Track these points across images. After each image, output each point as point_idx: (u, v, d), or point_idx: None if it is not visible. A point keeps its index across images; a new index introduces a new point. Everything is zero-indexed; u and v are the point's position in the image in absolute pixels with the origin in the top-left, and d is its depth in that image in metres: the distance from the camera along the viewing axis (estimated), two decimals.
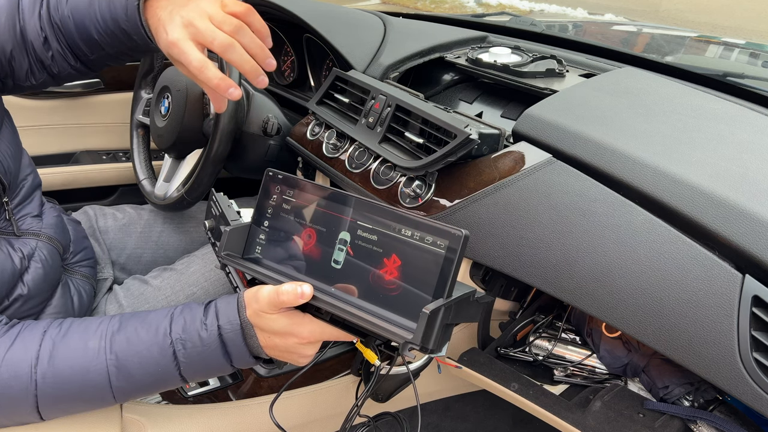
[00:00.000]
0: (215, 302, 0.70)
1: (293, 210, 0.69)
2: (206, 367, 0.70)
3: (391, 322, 0.59)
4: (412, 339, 0.56)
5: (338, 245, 0.64)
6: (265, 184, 0.71)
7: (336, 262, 0.65)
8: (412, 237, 0.59)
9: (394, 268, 0.60)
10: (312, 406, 1.04)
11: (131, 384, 0.69)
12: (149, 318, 0.70)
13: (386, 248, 0.61)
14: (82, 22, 0.81)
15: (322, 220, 0.66)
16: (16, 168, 0.86)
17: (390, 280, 0.60)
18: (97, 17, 0.79)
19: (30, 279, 0.82)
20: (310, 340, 0.67)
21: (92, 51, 0.84)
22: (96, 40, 0.82)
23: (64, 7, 0.82)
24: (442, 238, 0.57)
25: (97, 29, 0.80)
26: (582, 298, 0.71)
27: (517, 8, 4.80)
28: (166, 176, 1.21)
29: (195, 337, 0.68)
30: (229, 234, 0.71)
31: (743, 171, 0.68)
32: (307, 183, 0.68)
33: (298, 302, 0.63)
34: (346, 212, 0.64)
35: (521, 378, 0.92)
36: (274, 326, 0.66)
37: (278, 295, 0.64)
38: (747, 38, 2.59)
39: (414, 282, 0.59)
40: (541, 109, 0.83)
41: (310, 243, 0.67)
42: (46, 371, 0.66)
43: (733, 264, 0.62)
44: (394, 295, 0.60)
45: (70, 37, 0.84)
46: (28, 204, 0.88)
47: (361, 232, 0.63)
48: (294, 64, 1.35)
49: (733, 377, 0.61)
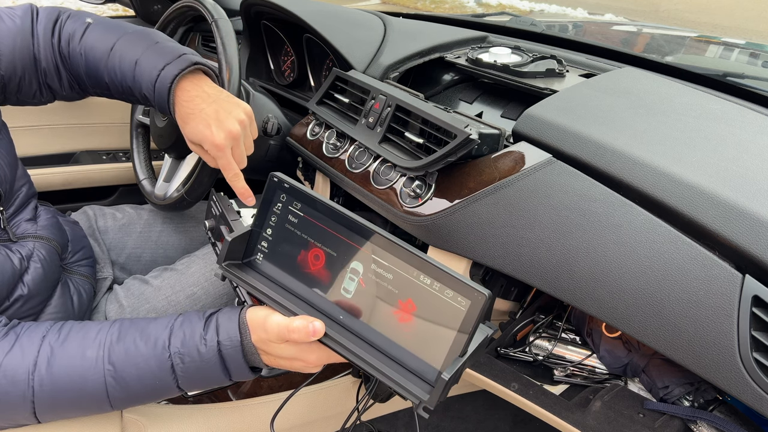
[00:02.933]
0: (216, 316, 0.70)
1: (300, 224, 0.65)
2: (204, 381, 0.70)
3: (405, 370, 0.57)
4: (428, 400, 0.54)
5: (350, 274, 0.61)
6: (269, 188, 0.66)
7: (346, 290, 0.62)
8: (431, 286, 0.56)
9: (409, 313, 0.57)
10: (312, 407, 1.04)
11: (128, 394, 0.69)
12: (149, 329, 0.70)
13: (402, 290, 0.57)
14: (95, 65, 0.87)
15: (334, 244, 0.62)
16: (12, 177, 0.86)
17: (403, 324, 0.57)
18: (115, 68, 0.85)
19: (30, 279, 0.82)
20: (317, 365, 0.67)
21: (95, 87, 0.91)
22: (105, 84, 0.88)
23: (77, 44, 0.87)
24: (463, 296, 0.54)
25: (110, 77, 0.87)
26: (582, 298, 0.71)
27: (517, 8, 4.80)
28: (166, 176, 1.21)
29: (194, 351, 0.68)
30: (230, 244, 0.67)
31: (743, 171, 0.68)
32: (318, 199, 0.63)
33: (309, 340, 0.62)
34: (360, 243, 0.60)
35: (521, 378, 0.92)
36: (282, 353, 0.66)
37: (289, 332, 0.63)
38: (747, 38, 2.59)
39: (429, 332, 0.56)
40: (541, 109, 0.83)
41: (318, 264, 0.64)
42: (43, 378, 0.66)
43: (733, 264, 0.62)
44: (407, 340, 0.57)
45: (75, 71, 0.89)
46: (22, 211, 0.88)
47: (376, 267, 0.59)
48: (294, 64, 1.35)
49: (733, 377, 0.61)
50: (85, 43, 0.87)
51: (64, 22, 0.88)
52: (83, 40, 0.87)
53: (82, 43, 0.87)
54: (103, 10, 3.53)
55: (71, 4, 4.27)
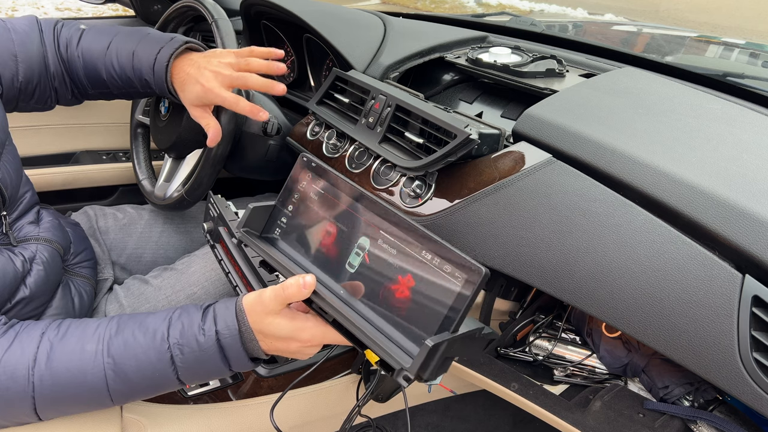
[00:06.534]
0: (213, 306, 0.70)
1: (319, 201, 0.68)
2: (204, 372, 0.70)
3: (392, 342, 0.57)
4: (409, 368, 0.54)
5: (356, 249, 0.63)
6: (296, 167, 0.71)
7: (351, 265, 0.64)
8: (431, 262, 0.57)
9: (407, 287, 0.58)
10: (312, 406, 1.04)
11: (128, 387, 0.69)
12: (147, 321, 0.70)
13: (403, 265, 0.59)
14: (93, 64, 0.96)
15: (346, 220, 0.65)
16: (17, 182, 0.87)
17: (400, 299, 0.58)
18: (113, 63, 0.96)
19: (32, 281, 0.82)
20: (312, 344, 0.67)
21: (94, 87, 0.99)
22: (103, 81, 0.98)
23: (74, 48, 0.96)
24: (460, 271, 0.54)
25: (109, 72, 0.96)
26: (582, 298, 0.71)
27: (517, 8, 4.80)
28: (166, 176, 1.21)
29: (192, 342, 0.68)
30: (251, 212, 0.71)
31: (743, 171, 0.68)
32: (339, 178, 0.68)
33: (302, 293, 0.63)
34: (372, 219, 0.63)
35: (521, 378, 0.92)
36: (276, 330, 0.66)
37: (284, 290, 0.64)
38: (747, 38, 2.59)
39: (423, 308, 0.57)
40: (541, 109, 0.83)
41: (329, 239, 0.66)
42: (43, 374, 0.66)
43: (733, 264, 0.62)
44: (400, 315, 0.58)
45: (74, 74, 0.97)
46: (24, 216, 0.89)
47: (382, 242, 0.61)
48: (294, 64, 1.35)
49: (733, 377, 0.61)
50: (82, 46, 0.96)
51: (59, 31, 0.98)
52: (80, 44, 0.96)
53: (80, 46, 0.96)
54: (103, 11, 3.54)
55: (72, 4, 4.26)
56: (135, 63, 0.94)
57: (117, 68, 0.95)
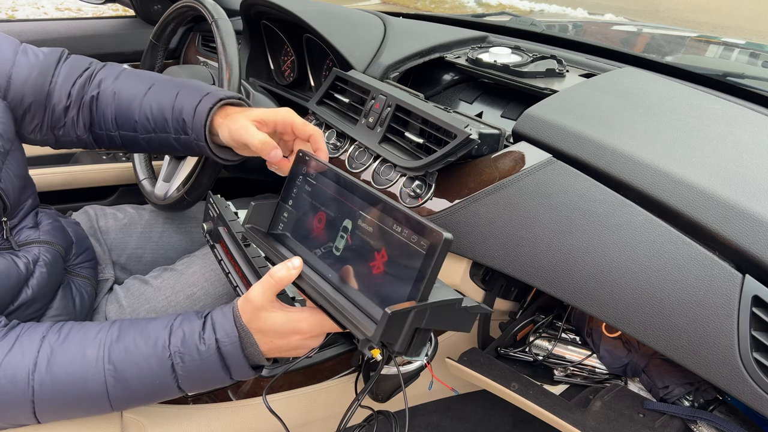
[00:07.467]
0: (211, 314, 0.70)
1: (313, 192, 0.70)
2: (205, 380, 0.70)
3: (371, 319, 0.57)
4: (371, 337, 0.54)
5: (341, 232, 0.65)
6: (296, 163, 0.73)
7: (337, 248, 0.65)
8: (400, 233, 0.57)
9: (382, 263, 0.59)
10: (312, 406, 1.04)
11: (129, 394, 0.69)
12: (148, 329, 0.70)
13: (378, 241, 0.60)
14: (128, 103, 0.91)
15: (333, 206, 0.67)
16: (20, 188, 0.87)
17: (376, 275, 0.59)
18: (152, 103, 0.90)
19: (35, 283, 0.82)
20: (312, 334, 0.67)
21: (120, 128, 0.93)
22: (133, 122, 0.92)
23: (109, 85, 0.92)
24: (425, 238, 0.55)
25: (144, 113, 0.90)
26: (582, 298, 0.71)
27: (517, 8, 4.80)
28: (166, 176, 1.21)
29: (193, 350, 0.68)
30: (254, 208, 0.72)
31: (743, 171, 0.68)
32: (327, 166, 0.69)
33: (291, 274, 0.64)
34: (352, 200, 0.64)
35: (521, 378, 0.92)
36: (274, 325, 0.66)
37: (271, 276, 0.65)
38: (747, 38, 2.59)
39: (395, 280, 0.57)
40: (541, 109, 0.83)
41: (320, 227, 0.68)
42: (43, 378, 0.66)
43: (733, 264, 0.62)
44: (377, 291, 0.59)
45: (101, 112, 0.93)
46: (24, 220, 0.89)
47: (361, 222, 0.62)
48: (294, 64, 1.35)
49: (733, 377, 0.61)
50: (119, 84, 0.92)
51: (97, 70, 0.94)
52: (116, 81, 0.93)
53: (115, 84, 0.92)
54: (103, 11, 3.54)
55: (72, 4, 4.26)
56: (177, 102, 0.89)
57: (155, 108, 0.90)
